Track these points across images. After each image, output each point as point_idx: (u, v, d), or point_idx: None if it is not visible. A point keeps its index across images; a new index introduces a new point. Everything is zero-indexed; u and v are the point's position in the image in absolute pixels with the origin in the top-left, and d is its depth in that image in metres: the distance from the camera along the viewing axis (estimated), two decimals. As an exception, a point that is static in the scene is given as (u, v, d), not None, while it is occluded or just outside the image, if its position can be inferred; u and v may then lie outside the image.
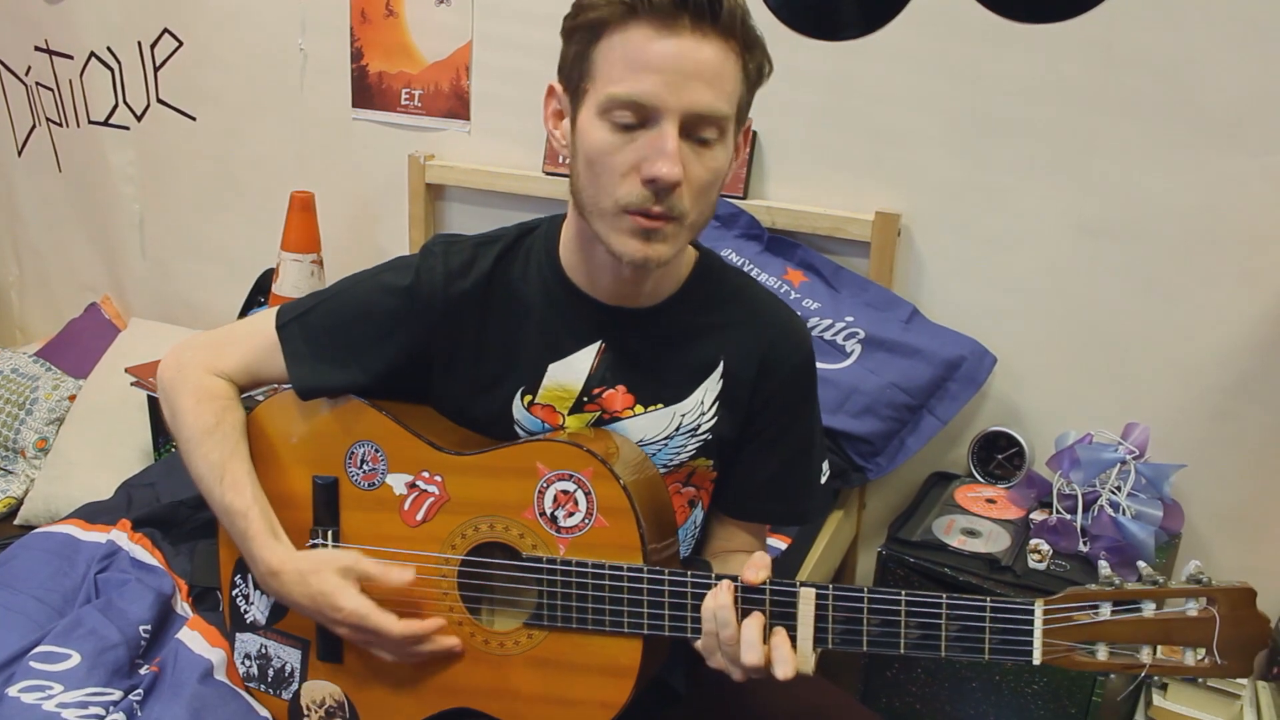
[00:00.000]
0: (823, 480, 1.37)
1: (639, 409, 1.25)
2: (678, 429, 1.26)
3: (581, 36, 1.10)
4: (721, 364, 1.26)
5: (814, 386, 1.34)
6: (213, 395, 1.30)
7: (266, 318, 1.33)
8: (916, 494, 2.15)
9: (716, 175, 1.12)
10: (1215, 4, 1.84)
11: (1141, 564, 1.07)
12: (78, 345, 3.18)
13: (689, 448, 1.27)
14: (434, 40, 2.54)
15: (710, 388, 1.26)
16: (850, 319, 2.11)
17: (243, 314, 2.80)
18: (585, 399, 1.25)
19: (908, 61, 2.08)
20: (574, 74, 1.11)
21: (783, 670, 1.07)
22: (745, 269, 2.12)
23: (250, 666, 1.37)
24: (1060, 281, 2.07)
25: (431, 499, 1.23)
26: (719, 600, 1.10)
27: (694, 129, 1.08)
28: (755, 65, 1.12)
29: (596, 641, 1.17)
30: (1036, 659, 1.04)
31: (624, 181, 1.08)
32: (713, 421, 1.27)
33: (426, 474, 1.23)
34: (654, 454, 1.26)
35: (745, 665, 1.08)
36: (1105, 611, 1.04)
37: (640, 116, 1.07)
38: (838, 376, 2.05)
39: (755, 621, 1.09)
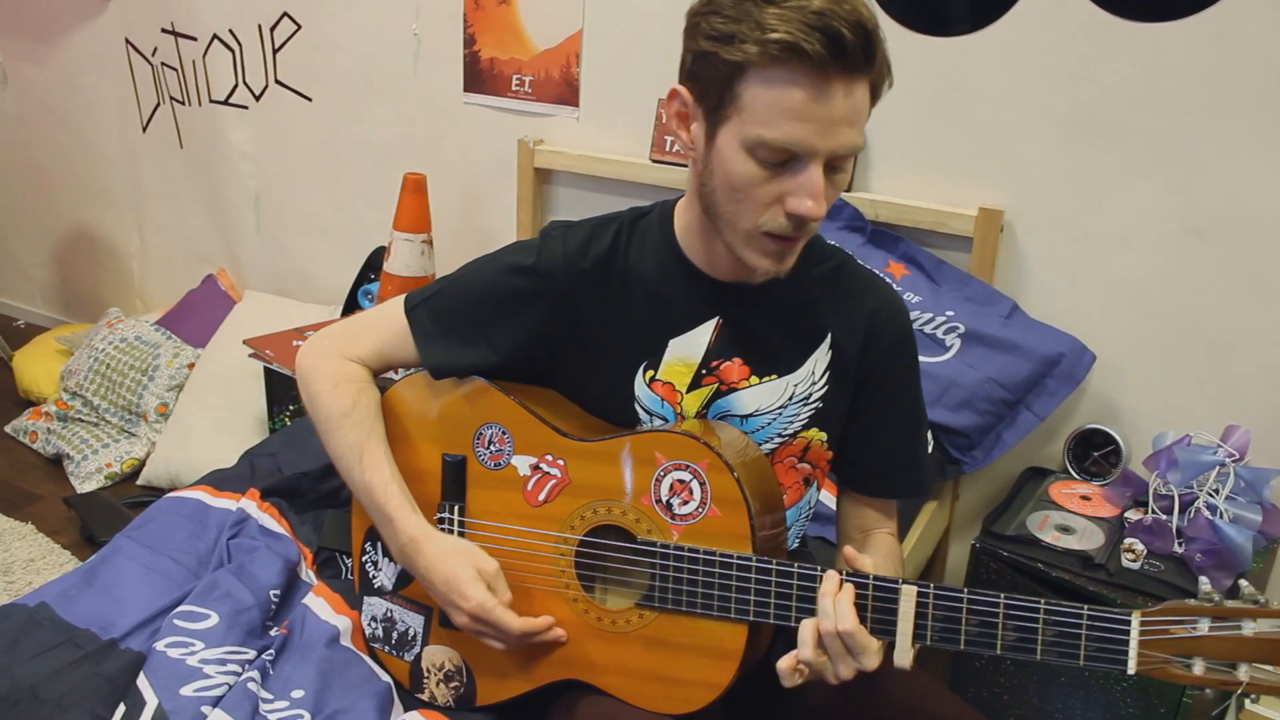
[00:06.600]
0: (929, 449, 1.42)
1: (754, 380, 1.31)
2: (790, 399, 1.32)
3: (725, 65, 1.11)
4: (829, 335, 1.33)
5: (915, 355, 1.39)
6: (349, 379, 1.38)
7: (395, 304, 1.40)
8: (1011, 488, 2.16)
9: (841, 190, 1.19)
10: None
11: (1244, 583, 1.07)
12: (195, 315, 3.32)
13: (801, 417, 1.33)
14: (545, 28, 2.59)
15: (820, 358, 1.32)
16: (950, 313, 2.13)
17: (353, 290, 2.90)
18: (704, 371, 1.31)
19: (1015, 58, 2.08)
20: (712, 93, 1.14)
21: (870, 661, 1.13)
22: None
23: (376, 628, 1.46)
24: (1163, 281, 2.06)
25: (554, 481, 1.30)
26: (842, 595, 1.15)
27: (833, 163, 1.14)
28: (885, 84, 1.16)
29: (704, 625, 1.22)
30: (1131, 669, 1.06)
31: (767, 210, 1.15)
32: (823, 390, 1.33)
33: (550, 457, 1.30)
34: (769, 424, 1.32)
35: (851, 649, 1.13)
36: (1203, 627, 1.04)
37: (786, 156, 1.12)
38: (937, 370, 2.07)
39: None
